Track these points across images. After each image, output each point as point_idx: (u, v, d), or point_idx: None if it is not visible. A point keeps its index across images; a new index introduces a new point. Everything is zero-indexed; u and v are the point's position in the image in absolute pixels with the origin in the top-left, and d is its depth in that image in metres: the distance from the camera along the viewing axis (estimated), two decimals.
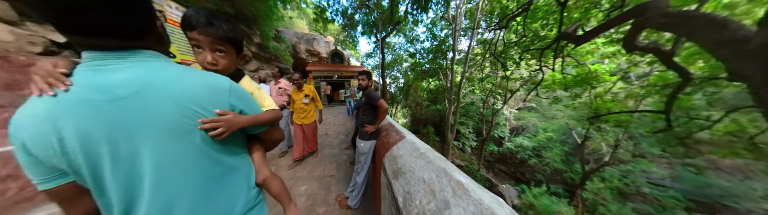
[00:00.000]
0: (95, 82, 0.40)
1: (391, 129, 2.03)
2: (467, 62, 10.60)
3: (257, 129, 0.63)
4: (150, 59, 0.45)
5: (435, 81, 12.21)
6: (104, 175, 0.42)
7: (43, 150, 0.39)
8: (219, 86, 0.51)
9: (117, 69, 0.41)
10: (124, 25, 0.40)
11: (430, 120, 13.52)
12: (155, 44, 0.48)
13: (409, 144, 1.45)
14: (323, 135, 4.59)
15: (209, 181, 0.50)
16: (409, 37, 11.76)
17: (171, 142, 0.44)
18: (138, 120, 0.41)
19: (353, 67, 12.02)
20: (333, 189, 2.13)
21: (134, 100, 0.41)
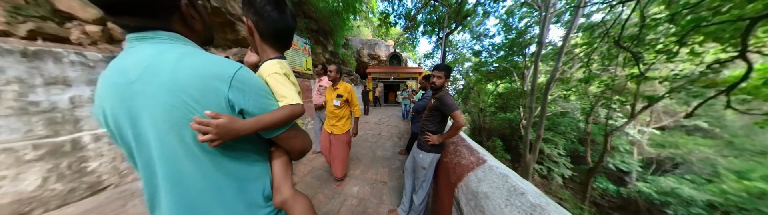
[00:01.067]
0: (120, 65, 0.36)
1: (460, 144, 1.48)
2: (561, 57, 6.43)
3: (270, 132, 0.42)
4: (163, 41, 0.36)
5: (505, 83, 8.39)
6: (134, 156, 0.39)
7: (102, 122, 0.39)
8: (219, 75, 0.35)
9: (136, 51, 0.36)
10: (135, 2, 0.32)
11: (495, 130, 9.41)
12: (180, 25, 0.39)
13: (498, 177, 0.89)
14: (377, 136, 4.22)
15: (209, 189, 0.37)
16: (476, 32, 8.78)
17: (167, 134, 0.35)
18: (144, 105, 0.35)
19: (409, 68, 10.27)
20: (384, 199, 1.77)
21: (139, 84, 0.34)
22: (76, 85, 1.65)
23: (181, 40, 0.38)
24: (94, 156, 1.73)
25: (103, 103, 0.37)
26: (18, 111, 1.40)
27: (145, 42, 0.36)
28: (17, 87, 1.39)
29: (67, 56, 1.62)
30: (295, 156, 0.49)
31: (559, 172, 9.02)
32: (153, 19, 0.36)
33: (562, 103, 8.84)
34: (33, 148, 1.45)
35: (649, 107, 6.16)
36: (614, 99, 6.86)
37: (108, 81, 0.36)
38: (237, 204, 0.39)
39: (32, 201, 1.44)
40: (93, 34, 2.04)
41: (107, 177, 1.78)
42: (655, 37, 5.73)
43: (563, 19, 7.43)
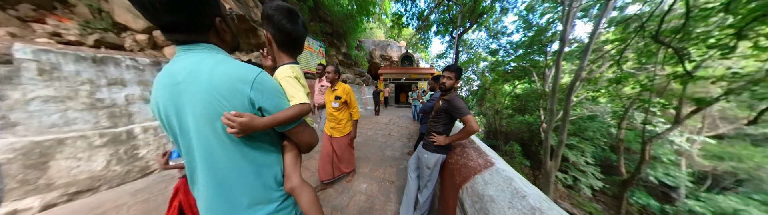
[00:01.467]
0: (171, 69, 0.45)
1: (468, 146, 1.46)
2: (587, 55, 5.78)
3: (283, 127, 0.51)
4: (204, 51, 0.46)
5: (524, 83, 7.78)
6: (179, 142, 0.48)
7: (156, 115, 0.50)
8: (243, 78, 0.45)
9: (183, 59, 0.45)
10: (185, 23, 0.43)
11: (513, 134, 8.73)
12: (214, 38, 0.49)
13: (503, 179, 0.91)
14: (386, 136, 4.26)
15: (234, 171, 0.47)
16: (492, 30, 8.32)
17: (203, 125, 0.44)
18: (188, 101, 0.44)
19: (420, 69, 10.06)
20: (392, 198, 1.83)
21: (184, 85, 0.44)
22: (130, 85, 2.02)
23: (216, 49, 0.48)
24: (143, 144, 2.06)
25: (157, 100, 0.47)
26: (89, 106, 1.72)
27: (190, 52, 0.46)
28: (88, 86, 1.74)
29: (124, 61, 2.01)
30: (304, 149, 0.57)
31: (587, 183, 8.05)
32: (196, 35, 0.46)
33: (590, 105, 7.93)
34: (99, 136, 1.77)
35: (698, 111, 5.26)
36: (654, 101, 5.98)
37: (161, 82, 0.46)
38: (255, 184, 0.48)
39: (100, 179, 1.77)
40: (141, 42, 2.44)
41: (153, 162, 2.10)
42: (706, 30, 4.92)
43: (591, 13, 6.72)
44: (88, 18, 2.20)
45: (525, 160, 9.03)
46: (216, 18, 0.46)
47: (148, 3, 0.37)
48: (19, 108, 1.47)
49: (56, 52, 1.63)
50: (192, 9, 0.41)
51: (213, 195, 0.47)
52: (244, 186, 0.47)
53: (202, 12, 0.43)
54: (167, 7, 0.38)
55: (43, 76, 1.56)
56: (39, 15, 2.06)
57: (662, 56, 5.32)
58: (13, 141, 1.44)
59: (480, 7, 7.11)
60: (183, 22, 0.42)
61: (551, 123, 6.25)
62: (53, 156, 1.58)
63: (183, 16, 0.41)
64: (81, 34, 2.10)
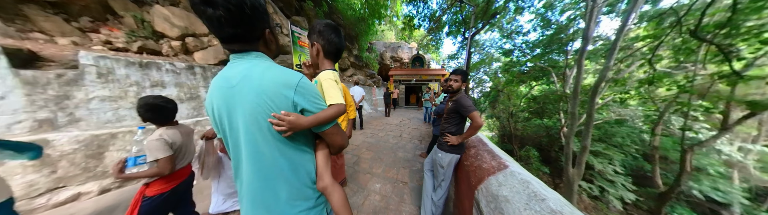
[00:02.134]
0: (226, 74, 0.51)
1: (481, 148, 1.50)
2: (614, 53, 5.29)
3: (321, 127, 0.56)
4: (255, 58, 0.52)
5: (542, 84, 7.30)
6: (227, 138, 0.54)
7: (209, 115, 0.56)
8: (288, 83, 0.50)
9: (237, 65, 0.51)
10: (242, 35, 0.49)
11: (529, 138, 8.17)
12: (263, 47, 0.55)
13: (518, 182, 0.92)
14: (398, 137, 4.25)
15: (275, 167, 0.51)
16: (506, 30, 7.96)
17: (251, 123, 0.49)
18: (239, 102, 0.49)
19: (431, 70, 9.85)
20: (405, 199, 1.84)
21: (238, 88, 0.49)
22: (169, 87, 2.24)
23: (264, 57, 0.54)
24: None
25: (212, 100, 0.52)
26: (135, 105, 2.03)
27: (243, 59, 0.51)
28: (135, 88, 1.99)
29: (164, 66, 2.26)
30: (334, 150, 0.60)
31: (616, 194, 7.23)
32: (248, 45, 0.52)
33: (617, 108, 7.20)
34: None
35: (752, 116, 4.55)
36: (695, 105, 5.28)
37: (217, 85, 0.52)
38: (293, 181, 0.52)
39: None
40: (175, 48, 2.74)
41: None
42: (759, 24, 4.30)
43: (619, 8, 6.18)
44: (133, 27, 2.52)
45: (543, 167, 8.37)
46: (265, 30, 0.52)
47: (214, 18, 0.43)
48: (82, 106, 1.74)
49: (111, 58, 1.89)
50: (249, 23, 0.47)
51: (258, 188, 0.51)
52: (284, 181, 0.51)
53: (256, 25, 0.49)
54: (230, 22, 0.44)
55: (100, 78, 1.82)
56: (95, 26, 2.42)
57: (704, 54, 4.71)
58: (78, 134, 1.67)
59: (492, 7, 6.87)
60: (241, 34, 0.48)
61: (573, 128, 5.75)
62: (108, 148, 1.80)
63: (241, 29, 0.47)
64: (127, 41, 2.41)
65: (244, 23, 0.46)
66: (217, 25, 0.44)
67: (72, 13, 2.31)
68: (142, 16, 2.59)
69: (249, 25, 0.47)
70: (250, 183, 0.51)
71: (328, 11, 7.10)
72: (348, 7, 8.06)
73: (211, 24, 0.44)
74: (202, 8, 0.41)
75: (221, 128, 0.54)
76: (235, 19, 0.44)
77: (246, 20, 0.46)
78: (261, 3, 0.47)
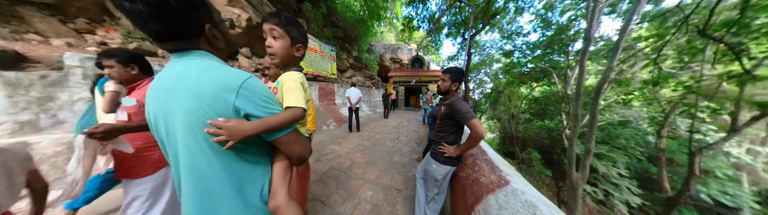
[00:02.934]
0: (162, 76, 0.45)
1: (480, 158, 1.33)
2: (617, 54, 5.14)
3: (271, 135, 0.47)
4: (195, 58, 0.46)
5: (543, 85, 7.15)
6: (166, 150, 0.47)
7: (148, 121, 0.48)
8: (229, 84, 0.42)
9: (174, 65, 0.45)
10: (172, 31, 0.42)
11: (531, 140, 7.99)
12: (205, 45, 0.48)
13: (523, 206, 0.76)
14: (395, 140, 4.09)
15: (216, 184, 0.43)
16: (506, 31, 7.87)
17: (187, 132, 0.42)
18: (174, 108, 0.43)
19: (430, 71, 9.79)
20: (398, 208, 1.71)
21: (173, 91, 0.42)
22: None
23: (207, 55, 0.47)
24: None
25: (149, 105, 0.47)
26: None
27: (181, 59, 0.45)
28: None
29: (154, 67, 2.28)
30: (294, 161, 0.52)
31: (621, 198, 6.99)
32: (185, 43, 0.45)
33: (621, 109, 7.03)
34: None
35: (762, 118, 4.37)
36: (702, 106, 5.11)
37: (153, 88, 0.46)
38: (237, 201, 0.44)
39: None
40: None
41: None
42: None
43: (620, 8, 6.06)
44: (129, 29, 2.49)
45: (546, 169, 8.16)
46: (205, 25, 0.46)
47: (135, 14, 0.37)
48: (66, 108, 1.70)
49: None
50: (178, 18, 0.41)
51: (194, 210, 0.44)
52: (226, 202, 0.43)
53: (190, 20, 0.43)
54: (154, 17, 0.39)
55: (86, 80, 1.75)
56: (91, 27, 2.42)
57: (711, 53, 4.56)
58: (61, 136, 1.61)
59: (492, 8, 6.79)
60: (170, 30, 0.42)
61: (576, 130, 5.57)
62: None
63: (170, 25, 0.41)
64: (123, 42, 2.37)
65: (172, 19, 0.40)
66: (140, 22, 0.39)
67: (68, 14, 2.32)
68: None
69: (178, 20, 0.41)
70: (187, 205, 0.44)
71: (326, 13, 7.05)
72: (347, 8, 8.03)
73: (133, 20, 0.38)
74: (119, 2, 0.36)
75: (158, 137, 0.48)
76: (159, 14, 0.38)
77: (174, 15, 0.40)
78: None
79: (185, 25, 0.43)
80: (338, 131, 4.81)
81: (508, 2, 6.57)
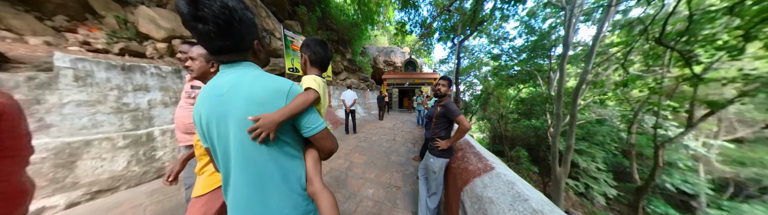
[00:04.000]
0: (215, 83, 0.52)
1: (468, 151, 1.54)
2: (592, 58, 5.71)
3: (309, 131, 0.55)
4: (244, 68, 0.53)
5: (529, 87, 7.66)
6: (216, 147, 0.52)
7: (196, 123, 0.55)
8: (279, 90, 0.52)
9: (226, 74, 0.52)
10: (231, 47, 0.49)
11: (519, 139, 8.47)
12: (252, 57, 0.56)
13: (504, 183, 0.92)
14: (391, 141, 4.19)
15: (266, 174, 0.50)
16: (494, 36, 8.35)
17: (241, 132, 0.48)
18: (228, 110, 0.49)
19: (424, 74, 10.07)
20: (398, 204, 1.80)
21: (227, 96, 0.49)
22: (153, 91, 2.12)
23: (253, 66, 0.55)
24: (161, 146, 2.13)
25: (200, 109, 0.52)
26: (116, 110, 1.83)
27: (232, 69, 0.52)
28: (116, 92, 1.87)
29: (149, 69, 2.13)
30: (324, 155, 0.60)
31: (600, 190, 7.64)
32: (237, 56, 0.52)
33: (598, 109, 7.70)
34: (123, 138, 1.87)
35: (711, 114, 5.03)
36: (664, 104, 5.77)
37: (205, 93, 0.52)
38: (283, 187, 0.51)
39: (120, 179, 1.85)
40: (161, 50, 2.57)
41: (169, 164, 2.15)
42: (712, 32, 4.82)
43: (594, 17, 6.69)
44: (115, 28, 2.35)
45: (533, 166, 8.69)
46: (254, 41, 0.53)
47: (204, 32, 0.43)
48: (54, 111, 1.58)
49: (91, 61, 1.75)
50: (238, 36, 0.48)
51: (247, 197, 0.50)
52: (275, 189, 0.50)
53: (245, 37, 0.50)
54: (219, 35, 0.45)
55: (77, 82, 1.69)
56: (72, 25, 2.21)
57: (669, 58, 5.19)
58: (47, 141, 1.54)
59: (479, 15, 7.23)
60: (230, 46, 0.48)
61: (558, 128, 6.06)
62: (80, 157, 1.66)
63: (230, 41, 0.47)
64: (108, 42, 2.24)
65: (233, 36, 0.47)
66: (207, 39, 0.45)
67: (46, 11, 2.08)
68: (126, 17, 2.45)
69: (238, 38, 0.48)
70: (238, 193, 0.50)
71: (321, 16, 7.12)
72: (341, 12, 8.13)
73: (201, 38, 0.45)
74: (193, 24, 0.42)
75: (208, 137, 0.53)
76: (224, 33, 0.45)
77: (235, 33, 0.47)
78: (249, 16, 0.48)
79: (242, 42, 0.50)
80: (335, 133, 4.92)
81: (494, 10, 7.02)
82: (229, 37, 0.46)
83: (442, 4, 7.97)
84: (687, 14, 4.04)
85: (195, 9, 0.41)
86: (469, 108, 10.72)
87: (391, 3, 8.93)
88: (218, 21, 0.42)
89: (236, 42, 0.49)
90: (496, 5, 6.92)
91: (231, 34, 0.46)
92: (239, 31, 0.47)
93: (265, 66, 0.64)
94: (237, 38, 0.48)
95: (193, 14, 0.41)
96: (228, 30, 0.45)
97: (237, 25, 0.45)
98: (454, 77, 7.54)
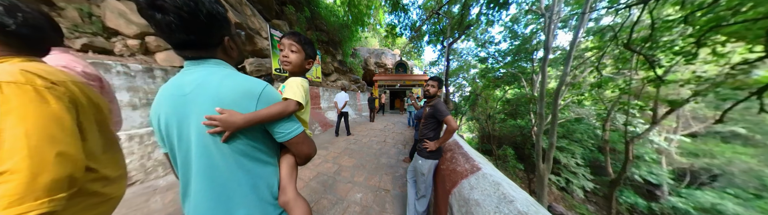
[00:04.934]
0: (178, 82, 0.47)
1: (457, 151, 1.50)
2: (569, 62, 6.14)
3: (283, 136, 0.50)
4: (213, 66, 0.48)
5: (514, 88, 8.06)
6: (175, 152, 0.48)
7: (154, 126, 0.50)
8: (250, 92, 0.47)
9: (191, 72, 0.47)
10: (196, 41, 0.45)
11: (506, 138, 8.87)
12: (222, 54, 0.51)
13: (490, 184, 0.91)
14: (381, 142, 4.13)
15: (232, 182, 0.45)
16: (480, 40, 8.71)
17: (204, 136, 0.44)
18: (192, 111, 0.44)
19: (414, 76, 10.24)
20: (387, 208, 1.74)
21: (191, 96, 0.45)
22: (119, 92, 1.91)
23: (223, 64, 0.50)
24: (127, 153, 1.90)
25: (159, 110, 0.48)
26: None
27: (199, 66, 0.47)
28: None
29: (115, 67, 1.91)
30: (301, 160, 0.56)
31: (579, 184, 8.22)
32: (205, 52, 0.48)
33: (576, 108, 8.30)
34: None
35: (671, 112, 5.64)
36: (632, 104, 6.36)
37: (166, 93, 0.47)
38: (251, 196, 0.46)
39: None
40: (133, 47, 2.35)
41: (135, 173, 1.93)
42: (671, 39, 5.40)
43: (570, 24, 7.24)
44: (76, 22, 2.11)
45: (519, 164, 9.14)
46: (225, 37, 0.49)
47: (164, 23, 0.39)
48: None
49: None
50: (204, 30, 0.43)
51: (208, 209, 0.45)
52: (241, 199, 0.45)
53: (213, 32, 0.45)
54: (182, 27, 0.40)
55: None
56: None
57: (635, 62, 5.74)
58: None
59: (467, 19, 7.51)
60: (195, 40, 0.44)
61: (541, 127, 6.45)
62: None
63: (195, 35, 0.43)
64: (68, 37, 2.01)
65: (198, 30, 0.43)
66: (166, 31, 0.40)
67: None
68: (90, 10, 2.20)
69: (204, 33, 0.44)
70: (200, 203, 0.45)
71: (310, 16, 7.01)
72: (331, 13, 8.06)
73: (160, 29, 0.40)
74: (150, 13, 0.38)
75: (168, 141, 0.48)
76: (188, 25, 0.40)
77: (201, 27, 0.42)
78: (219, 11, 0.44)
79: (208, 36, 0.45)
80: (324, 136, 4.74)
81: (480, 15, 7.34)
82: (193, 30, 0.42)
83: (431, 8, 8.18)
84: (650, 23, 4.52)
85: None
86: (459, 109, 11.08)
87: (381, 6, 9.01)
88: (181, 13, 0.38)
89: (203, 36, 0.44)
90: (482, 10, 7.24)
91: (196, 27, 0.42)
92: (206, 24, 0.43)
93: (238, 65, 0.61)
94: (203, 32, 0.44)
95: (149, 2, 0.37)
96: (192, 22, 0.40)
97: (204, 18, 0.41)
98: (444, 79, 7.75)
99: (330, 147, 3.71)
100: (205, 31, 0.44)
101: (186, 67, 0.48)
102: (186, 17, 0.39)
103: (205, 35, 0.45)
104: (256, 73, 4.32)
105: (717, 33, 3.81)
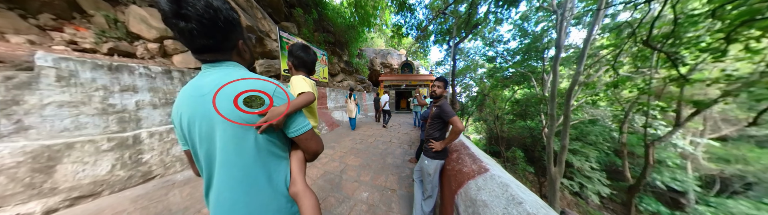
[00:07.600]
0: (197, 83, 0.52)
1: (463, 152, 1.49)
2: (583, 60, 5.82)
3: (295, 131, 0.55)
4: (228, 68, 0.53)
5: (523, 89, 7.77)
6: (197, 149, 0.52)
7: (176, 125, 0.56)
8: (264, 89, 0.52)
9: (209, 74, 0.52)
10: (215, 46, 0.49)
11: (515, 140, 8.54)
12: (236, 57, 0.56)
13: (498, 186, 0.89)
14: (387, 142, 4.16)
15: (250, 176, 0.50)
16: (488, 39, 8.49)
17: (229, 130, 0.48)
18: (213, 111, 0.48)
19: (420, 76, 10.13)
20: (393, 207, 1.75)
21: (210, 96, 0.49)
22: (141, 92, 2.05)
23: (238, 66, 0.55)
24: (148, 149, 2.04)
25: (180, 110, 0.52)
26: (101, 111, 1.76)
27: (215, 69, 0.52)
28: (102, 92, 1.78)
29: (138, 69, 2.05)
30: (309, 156, 0.60)
31: (594, 189, 7.73)
32: (222, 55, 0.52)
33: (590, 109, 7.86)
34: (107, 141, 1.79)
35: (698, 114, 5.19)
36: (652, 104, 5.93)
37: (186, 94, 0.52)
38: (267, 189, 0.51)
39: (103, 184, 1.74)
40: (152, 50, 2.51)
41: (155, 167, 2.06)
42: (696, 35, 4.99)
43: (584, 21, 6.89)
44: (104, 27, 2.29)
45: (529, 166, 8.76)
46: (239, 41, 0.54)
47: (186, 30, 0.43)
48: (34, 112, 1.49)
49: (75, 60, 1.67)
50: (222, 35, 0.48)
51: (228, 199, 0.49)
52: (259, 190, 0.49)
53: (229, 37, 0.50)
54: (203, 33, 0.45)
55: (60, 82, 1.59)
56: (58, 24, 2.14)
57: (656, 60, 5.35)
58: (25, 144, 1.44)
59: (474, 18, 7.34)
60: (213, 45, 0.48)
61: (553, 128, 6.14)
62: (61, 160, 1.56)
63: (214, 40, 0.47)
64: (96, 42, 2.17)
65: (217, 35, 0.47)
66: (188, 37, 0.44)
67: (30, 9, 1.99)
68: (116, 16, 2.38)
69: (222, 37, 0.48)
70: (222, 196, 0.49)
71: (317, 18, 7.11)
72: (338, 14, 8.14)
73: (182, 36, 0.44)
74: (174, 21, 0.41)
75: (189, 139, 0.52)
76: (207, 31, 0.45)
77: (219, 32, 0.47)
78: (235, 17, 0.49)
79: (225, 41, 0.50)
80: (331, 135, 4.82)
81: (488, 14, 7.15)
82: (212, 35, 0.46)
83: (438, 8, 8.08)
84: (672, 18, 4.19)
85: (178, 7, 0.40)
86: (465, 110, 10.79)
87: (388, 6, 9.00)
88: (202, 19, 0.42)
89: (220, 41, 0.48)
90: (490, 9, 7.06)
91: (215, 33, 0.46)
92: (224, 30, 0.47)
93: (251, 66, 0.64)
94: (221, 37, 0.48)
95: (175, 12, 0.40)
96: (212, 29, 0.45)
97: (222, 24, 0.46)
98: (450, 79, 7.59)
99: (336, 146, 3.77)
100: (223, 36, 0.48)
101: (204, 70, 0.53)
102: (207, 24, 0.43)
103: (223, 40, 0.49)
104: (266, 74, 4.44)
105: (750, 27, 3.50)
